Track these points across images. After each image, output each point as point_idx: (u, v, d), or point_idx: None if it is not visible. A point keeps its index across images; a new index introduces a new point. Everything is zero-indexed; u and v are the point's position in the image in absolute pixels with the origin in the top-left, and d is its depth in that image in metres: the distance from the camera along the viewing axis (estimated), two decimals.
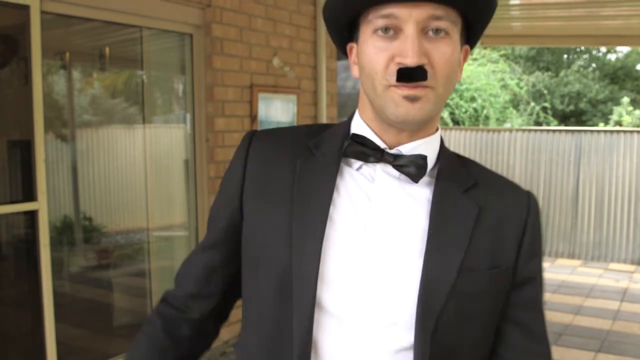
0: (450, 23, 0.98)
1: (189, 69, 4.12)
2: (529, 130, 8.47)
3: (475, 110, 12.22)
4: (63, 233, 4.75)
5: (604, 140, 7.91)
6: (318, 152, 1.08)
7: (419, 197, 1.05)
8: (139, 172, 4.68)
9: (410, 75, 0.94)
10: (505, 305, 1.08)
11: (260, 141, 1.12)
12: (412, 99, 0.96)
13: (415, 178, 1.03)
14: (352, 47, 1.09)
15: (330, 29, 1.12)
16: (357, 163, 1.05)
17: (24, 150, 3.10)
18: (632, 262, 7.74)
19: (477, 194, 1.07)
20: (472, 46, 1.12)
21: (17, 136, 3.20)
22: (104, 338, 4.34)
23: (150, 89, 4.66)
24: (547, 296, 6.28)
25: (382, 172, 1.04)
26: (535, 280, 1.09)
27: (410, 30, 0.95)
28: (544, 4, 5.38)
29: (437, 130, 1.10)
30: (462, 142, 8.83)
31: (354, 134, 1.04)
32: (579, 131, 8.15)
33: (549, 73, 17.88)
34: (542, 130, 8.46)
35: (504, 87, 13.24)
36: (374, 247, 1.01)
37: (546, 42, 7.84)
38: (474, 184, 1.08)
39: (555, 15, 5.88)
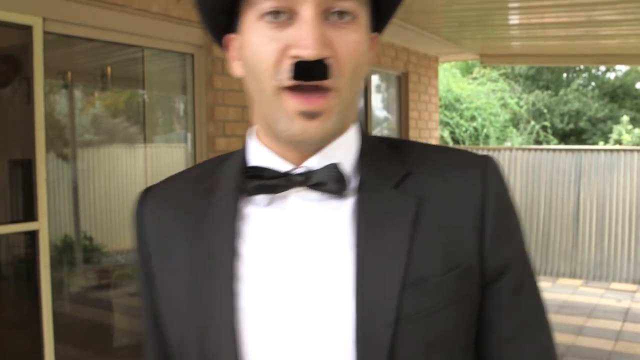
0: (358, 3, 0.79)
1: (190, 89, 4.14)
2: (529, 149, 8.48)
3: (476, 129, 12.25)
4: (63, 253, 4.74)
5: (604, 159, 7.92)
6: (214, 197, 0.87)
7: (343, 211, 0.83)
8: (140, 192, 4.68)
9: (309, 71, 0.75)
10: (483, 311, 0.85)
11: (151, 204, 0.93)
12: (309, 116, 0.77)
13: (339, 194, 0.82)
14: (232, 38, 0.88)
15: (201, 15, 0.89)
16: (266, 197, 0.84)
17: (25, 170, 3.10)
18: (634, 282, 7.70)
19: (413, 184, 0.84)
20: (380, 30, 0.92)
21: (19, 155, 3.21)
22: (104, 359, 4.31)
23: (152, 108, 4.67)
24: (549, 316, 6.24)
25: (297, 199, 0.83)
26: (513, 265, 0.86)
27: (307, 12, 0.76)
28: (542, 24, 5.42)
29: (351, 126, 0.89)
30: None
31: (246, 168, 0.84)
32: (579, 150, 8.16)
33: (549, 92, 17.94)
34: (542, 149, 8.47)
35: (504, 106, 13.29)
36: (297, 298, 0.80)
37: (545, 62, 7.88)
38: (408, 173, 0.85)
39: (554, 35, 5.92)
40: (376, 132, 6.50)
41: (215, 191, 0.88)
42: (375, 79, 6.23)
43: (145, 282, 0.92)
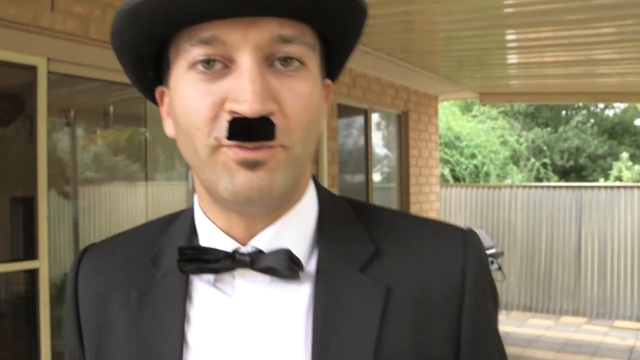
0: (306, 47, 0.68)
1: None
2: (530, 187, 8.50)
3: (476, 166, 12.29)
4: (63, 291, 4.71)
5: (604, 195, 7.92)
6: (158, 272, 0.77)
7: (298, 300, 0.71)
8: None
9: (249, 131, 0.63)
10: None
11: (90, 267, 0.82)
12: (252, 165, 0.65)
13: (289, 278, 0.70)
14: (164, 91, 0.76)
15: (124, 67, 0.76)
16: (212, 275, 0.73)
17: (27, 208, 3.11)
18: (638, 319, 7.64)
19: (381, 267, 0.72)
20: (333, 78, 0.80)
21: (20, 193, 3.21)
22: None
23: (153, 146, 4.70)
24: (552, 355, 6.18)
25: (243, 281, 0.72)
26: None
27: (246, 60, 0.64)
28: (541, 63, 5.48)
29: (306, 189, 0.76)
30: (463, 199, 8.85)
31: (181, 249, 0.71)
32: (580, 187, 8.18)
33: (548, 129, 18.03)
34: (542, 187, 8.49)
35: (504, 143, 13.36)
36: None
37: (544, 99, 7.95)
38: (377, 252, 0.73)
39: (552, 74, 5.98)
40: (377, 170, 6.52)
41: (160, 264, 0.77)
42: (375, 117, 6.27)
43: (70, 351, 0.82)
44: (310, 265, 0.73)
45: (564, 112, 19.03)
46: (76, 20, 3.14)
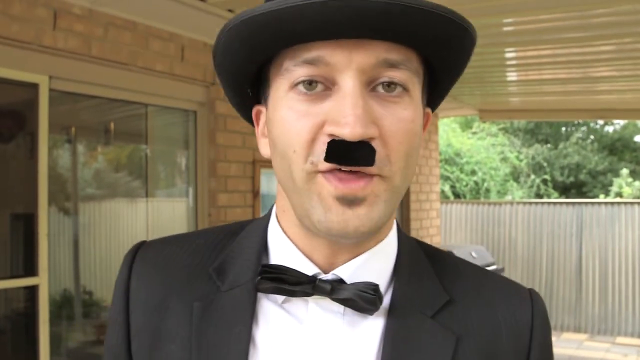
0: (411, 73, 0.65)
1: (192, 144, 4.19)
2: (530, 203, 8.50)
3: (476, 183, 12.29)
4: (62, 307, 4.69)
5: (605, 212, 7.92)
6: (224, 284, 0.73)
7: (371, 335, 0.70)
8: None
9: (348, 154, 0.60)
10: None
11: (146, 269, 0.77)
12: (350, 202, 0.62)
13: (366, 312, 0.68)
14: (260, 111, 0.75)
15: (224, 83, 0.75)
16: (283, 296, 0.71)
17: (27, 224, 3.11)
18: None
19: (453, 316, 0.72)
20: (434, 107, 0.79)
21: (21, 209, 3.22)
22: None
23: (154, 163, 4.71)
24: None
25: (317, 308, 0.69)
26: None
27: (349, 83, 0.62)
28: (540, 80, 5.50)
29: (391, 227, 0.75)
30: (463, 216, 8.84)
31: (264, 267, 0.68)
32: (580, 203, 8.18)
33: (548, 145, 18.06)
34: (543, 203, 8.49)
35: (504, 160, 13.37)
36: None
37: (544, 116, 7.97)
38: (449, 301, 0.73)
39: (551, 91, 6.00)
40: None
41: (226, 276, 0.74)
42: None
43: (113, 347, 0.78)
44: (384, 302, 0.71)
45: (563, 129, 19.07)
46: (78, 38, 3.16)
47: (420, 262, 0.76)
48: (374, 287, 0.67)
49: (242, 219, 0.88)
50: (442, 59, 0.69)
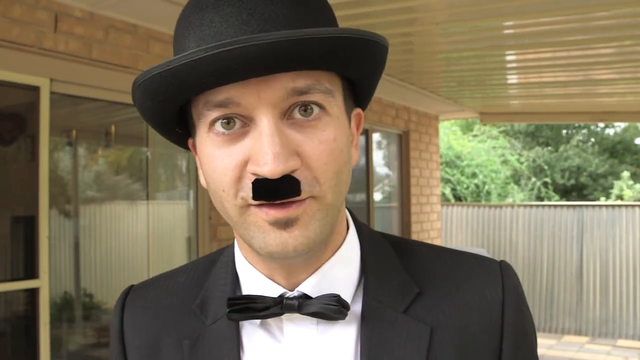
0: (323, 94, 0.66)
1: None
2: (531, 206, 8.50)
3: (477, 186, 12.29)
4: (63, 310, 4.69)
5: (605, 214, 7.92)
6: (207, 318, 0.77)
7: (346, 340, 0.73)
8: (142, 248, 4.67)
9: (274, 191, 0.62)
10: None
11: (135, 315, 0.82)
12: (284, 224, 0.64)
13: (336, 320, 0.71)
14: (193, 144, 0.76)
15: (153, 126, 0.76)
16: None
17: (28, 227, 3.11)
18: None
19: (424, 306, 0.74)
20: (364, 106, 0.79)
21: (22, 212, 3.22)
22: None
23: (154, 165, 4.71)
24: None
25: (291, 325, 0.73)
26: None
27: (263, 121, 0.63)
28: (540, 83, 5.50)
29: (347, 231, 0.77)
30: (464, 218, 8.84)
31: (230, 300, 0.72)
32: (581, 206, 8.18)
33: (549, 148, 18.06)
34: (544, 206, 8.49)
35: (505, 162, 13.37)
36: None
37: (544, 119, 7.97)
38: (419, 293, 0.75)
39: (552, 93, 6.00)
40: (378, 189, 6.52)
41: (208, 311, 0.78)
42: (376, 137, 6.29)
43: None
44: (356, 306, 0.74)
45: (564, 132, 19.07)
46: (79, 41, 3.17)
47: (387, 257, 0.78)
48: (337, 298, 0.69)
49: None
50: (352, 71, 0.69)
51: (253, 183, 0.63)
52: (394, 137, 6.63)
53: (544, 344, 7.48)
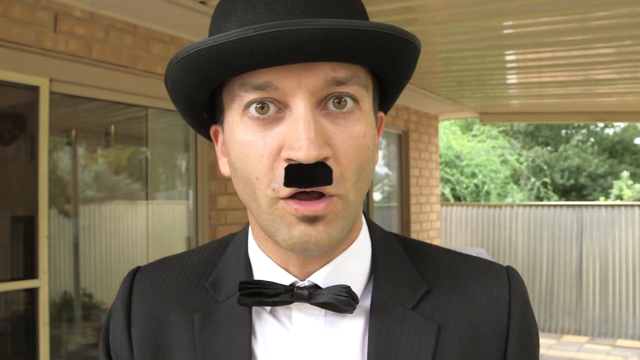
0: (360, 87, 0.67)
1: (192, 147, 4.19)
2: (530, 206, 8.50)
3: (476, 185, 12.29)
4: (62, 310, 4.69)
5: (605, 214, 7.92)
6: (220, 295, 0.78)
7: (354, 334, 0.74)
8: (141, 248, 4.67)
9: (306, 177, 0.63)
10: None
11: (145, 287, 0.83)
12: (311, 220, 0.65)
13: (345, 312, 0.72)
14: (218, 130, 0.78)
15: (179, 109, 0.78)
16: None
17: (27, 227, 3.11)
18: None
19: (432, 304, 0.75)
20: (386, 110, 0.81)
21: (21, 212, 3.22)
22: None
23: (154, 165, 4.71)
24: None
25: (299, 314, 0.74)
26: None
27: (300, 107, 0.64)
28: (540, 83, 5.50)
29: (360, 227, 0.78)
30: (463, 218, 8.84)
31: (242, 284, 0.73)
32: (580, 206, 8.18)
33: (548, 148, 18.07)
34: (543, 206, 8.48)
35: (504, 162, 13.37)
36: None
37: (544, 119, 7.97)
38: (428, 291, 0.76)
39: (551, 93, 6.00)
40: (377, 189, 6.52)
41: (221, 289, 0.79)
42: None
43: None
44: (365, 301, 0.75)
45: (564, 131, 19.08)
46: (79, 41, 3.17)
47: (397, 255, 0.79)
48: (347, 289, 0.70)
49: (243, 222, 0.91)
50: (387, 69, 0.71)
51: (286, 169, 0.63)
52: (393, 137, 6.63)
53: (544, 343, 7.49)
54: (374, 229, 0.81)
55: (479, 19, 3.57)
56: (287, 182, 0.64)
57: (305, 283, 0.73)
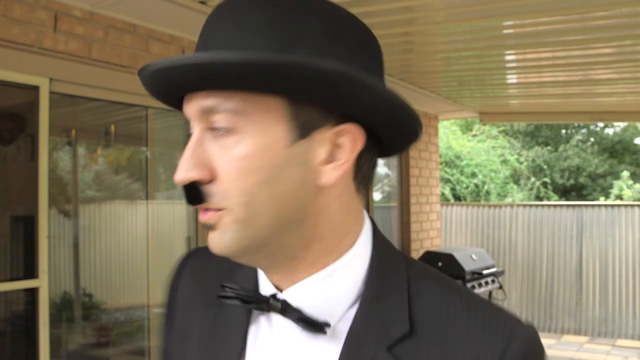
0: (232, 114, 0.66)
1: None
2: (530, 206, 8.50)
3: (476, 185, 12.28)
4: (62, 310, 4.70)
5: (605, 214, 7.92)
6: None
7: (326, 351, 0.72)
8: (141, 248, 4.67)
9: (186, 195, 0.69)
10: None
11: (190, 272, 0.92)
12: (208, 228, 0.71)
13: (313, 333, 0.71)
14: None
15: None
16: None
17: (27, 226, 3.11)
18: None
19: (410, 349, 0.69)
20: (367, 115, 0.74)
21: (21, 212, 3.22)
22: None
23: (154, 165, 4.71)
24: None
25: (279, 319, 0.75)
26: None
27: (194, 129, 0.71)
28: (540, 83, 5.50)
29: (351, 249, 0.74)
30: (463, 218, 8.84)
31: (223, 287, 0.76)
32: (580, 206, 8.17)
33: (548, 148, 18.07)
34: (543, 206, 8.48)
35: (504, 162, 13.36)
36: None
37: (544, 119, 7.97)
38: (409, 333, 0.70)
39: (551, 93, 6.00)
40: (377, 189, 6.52)
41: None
42: None
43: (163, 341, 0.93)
44: (345, 325, 0.72)
45: (564, 131, 19.08)
46: (78, 41, 3.17)
47: (394, 289, 0.73)
48: (302, 316, 0.71)
49: None
50: (268, 87, 0.66)
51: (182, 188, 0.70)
52: None
53: (544, 343, 7.48)
54: (380, 249, 0.77)
55: (479, 19, 3.57)
56: (185, 199, 0.70)
57: (281, 296, 0.74)
